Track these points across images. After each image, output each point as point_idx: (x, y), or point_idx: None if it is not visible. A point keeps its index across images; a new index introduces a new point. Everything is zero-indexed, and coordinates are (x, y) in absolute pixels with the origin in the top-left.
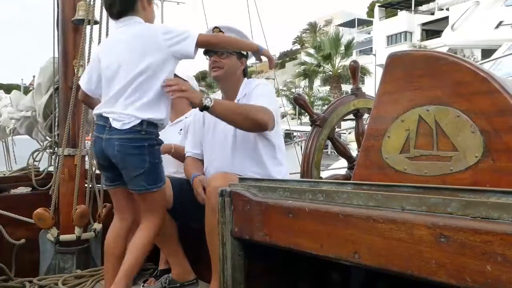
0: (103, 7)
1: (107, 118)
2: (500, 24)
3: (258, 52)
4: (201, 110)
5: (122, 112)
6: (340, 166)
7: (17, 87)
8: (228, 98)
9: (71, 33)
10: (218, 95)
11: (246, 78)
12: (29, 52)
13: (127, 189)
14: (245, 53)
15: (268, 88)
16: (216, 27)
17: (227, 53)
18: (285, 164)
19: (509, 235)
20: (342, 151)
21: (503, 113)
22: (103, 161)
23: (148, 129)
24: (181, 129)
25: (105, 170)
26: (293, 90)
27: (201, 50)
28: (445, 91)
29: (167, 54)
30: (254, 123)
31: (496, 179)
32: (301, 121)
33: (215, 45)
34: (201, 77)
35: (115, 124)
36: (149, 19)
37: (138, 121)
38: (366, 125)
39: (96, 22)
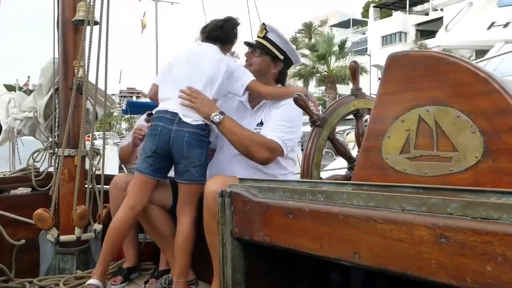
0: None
1: (176, 114)
2: (492, 25)
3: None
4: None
5: (191, 112)
6: (336, 166)
7: (11, 87)
8: (255, 97)
9: (71, 33)
10: None
11: (280, 85)
12: (25, 53)
13: (157, 181)
14: (281, 57)
15: (292, 112)
16: (263, 23)
17: (260, 52)
18: (291, 169)
19: (509, 236)
20: (342, 152)
21: (503, 114)
22: (161, 150)
23: (208, 130)
24: None
25: (155, 160)
26: None
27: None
28: (445, 91)
29: (226, 85)
30: (252, 157)
31: (496, 180)
32: None
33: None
34: None
35: (186, 119)
36: None
37: (204, 122)
38: (366, 126)
39: (96, 23)
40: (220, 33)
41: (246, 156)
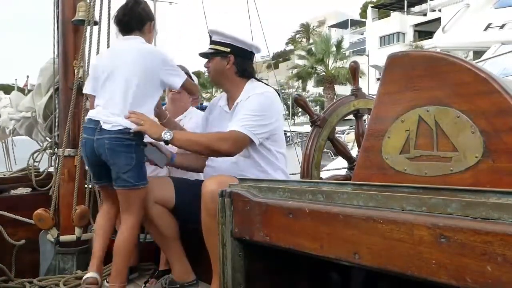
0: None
1: (98, 121)
2: (488, 26)
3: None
4: (165, 143)
5: (112, 118)
6: (336, 166)
7: (8, 87)
8: (231, 99)
9: (71, 33)
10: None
11: (252, 79)
12: (23, 52)
13: (108, 187)
14: (227, 49)
15: (262, 102)
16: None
17: (211, 56)
18: (284, 169)
19: (509, 236)
20: (342, 152)
21: (503, 114)
22: (93, 161)
23: (133, 133)
24: None
25: (94, 170)
26: (286, 91)
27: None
28: (445, 91)
29: (158, 79)
30: (217, 153)
31: (496, 180)
32: (294, 121)
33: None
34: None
35: (106, 126)
36: (149, 42)
37: (124, 127)
38: (366, 126)
39: (96, 23)
40: (129, 18)
41: (212, 155)
